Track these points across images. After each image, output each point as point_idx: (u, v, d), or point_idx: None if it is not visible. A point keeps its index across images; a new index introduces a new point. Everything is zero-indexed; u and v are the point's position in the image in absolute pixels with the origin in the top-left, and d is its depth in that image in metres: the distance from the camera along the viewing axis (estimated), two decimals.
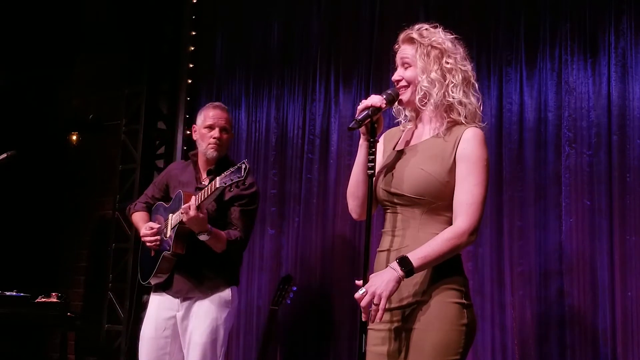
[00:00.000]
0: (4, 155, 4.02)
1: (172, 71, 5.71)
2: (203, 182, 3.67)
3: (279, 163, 4.98)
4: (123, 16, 5.80)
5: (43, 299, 4.42)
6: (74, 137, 6.12)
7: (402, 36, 2.48)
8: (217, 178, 3.25)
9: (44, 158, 6.10)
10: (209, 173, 3.69)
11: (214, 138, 3.66)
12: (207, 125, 3.69)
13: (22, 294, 4.36)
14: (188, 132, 5.52)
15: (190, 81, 5.63)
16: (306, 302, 4.66)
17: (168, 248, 3.52)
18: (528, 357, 3.88)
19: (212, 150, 3.67)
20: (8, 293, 4.34)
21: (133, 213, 3.88)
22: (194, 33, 5.67)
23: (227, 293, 3.59)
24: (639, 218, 3.68)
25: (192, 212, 3.31)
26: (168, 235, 3.56)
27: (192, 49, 5.66)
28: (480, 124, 2.42)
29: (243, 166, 3.15)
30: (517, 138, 4.08)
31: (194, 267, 3.56)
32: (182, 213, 3.37)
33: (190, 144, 5.51)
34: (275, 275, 4.78)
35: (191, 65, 5.64)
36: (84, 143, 6.14)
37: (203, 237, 3.40)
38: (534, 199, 3.99)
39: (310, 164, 4.82)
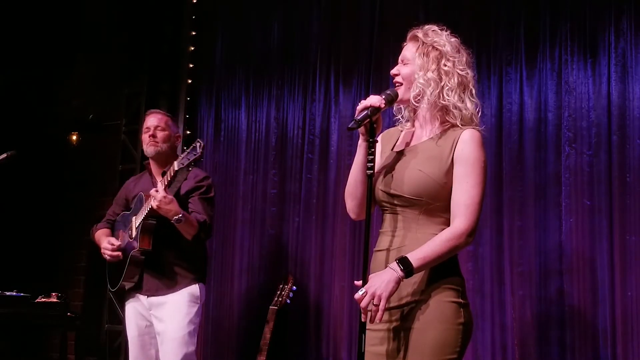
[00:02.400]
0: (4, 155, 4.01)
1: (172, 71, 5.71)
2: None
3: (279, 163, 4.98)
4: (123, 16, 5.79)
5: (43, 299, 4.41)
6: (74, 137, 6.12)
7: (409, 34, 2.51)
8: (175, 162, 3.39)
9: (44, 158, 6.10)
10: (163, 175, 3.75)
11: (149, 136, 3.81)
12: (144, 130, 3.88)
13: (22, 294, 4.35)
14: (188, 132, 5.53)
15: (190, 81, 5.62)
16: (306, 302, 4.66)
17: (135, 247, 3.58)
18: (528, 357, 3.88)
19: (149, 147, 3.81)
20: (8, 293, 4.33)
21: (95, 232, 3.93)
22: (194, 33, 5.67)
23: (195, 289, 3.67)
24: (639, 218, 3.68)
25: (160, 194, 3.41)
26: (134, 236, 3.62)
27: (192, 49, 5.66)
28: (478, 127, 2.42)
29: (198, 144, 3.31)
30: (517, 138, 4.09)
31: (162, 266, 3.64)
32: (152, 200, 3.44)
33: (189, 144, 5.52)
34: (275, 275, 4.78)
35: (191, 65, 5.64)
36: (84, 143, 6.13)
37: (177, 220, 3.45)
38: (534, 199, 4.00)
39: (310, 164, 4.82)
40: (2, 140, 4.73)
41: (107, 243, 3.69)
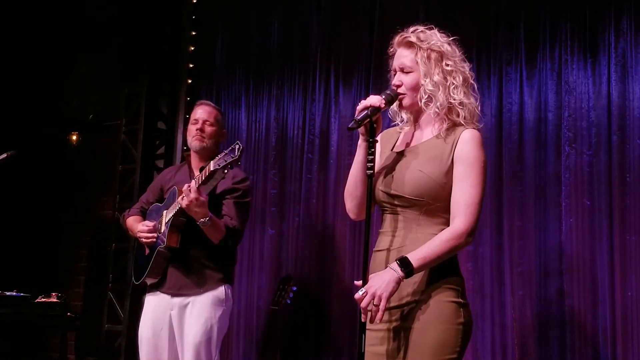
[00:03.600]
0: (4, 155, 4.01)
1: (172, 71, 5.71)
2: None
3: (279, 163, 4.98)
4: (123, 16, 5.80)
5: (43, 299, 4.41)
6: (74, 137, 6.12)
7: (397, 39, 2.48)
8: (211, 162, 3.28)
9: (44, 158, 6.10)
10: (201, 170, 3.70)
11: (197, 130, 3.73)
12: (192, 121, 3.78)
13: (22, 294, 4.35)
14: None
15: (190, 81, 5.62)
16: (306, 302, 4.66)
17: (162, 243, 3.51)
18: (528, 357, 3.88)
19: (195, 141, 3.73)
20: (8, 293, 4.33)
21: (127, 218, 3.87)
22: (194, 33, 5.67)
23: (220, 291, 3.56)
24: (639, 218, 3.68)
25: (192, 194, 3.31)
26: (162, 231, 3.55)
27: (192, 49, 5.66)
28: (479, 124, 2.42)
29: (237, 147, 3.17)
30: (517, 138, 4.08)
31: (187, 264, 3.55)
32: (181, 198, 3.37)
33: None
34: (275, 275, 4.78)
35: (191, 65, 5.64)
36: (84, 143, 6.14)
37: (203, 223, 3.38)
38: (534, 199, 3.99)
39: (310, 164, 4.82)
40: (2, 140, 4.73)
41: (142, 226, 3.60)
